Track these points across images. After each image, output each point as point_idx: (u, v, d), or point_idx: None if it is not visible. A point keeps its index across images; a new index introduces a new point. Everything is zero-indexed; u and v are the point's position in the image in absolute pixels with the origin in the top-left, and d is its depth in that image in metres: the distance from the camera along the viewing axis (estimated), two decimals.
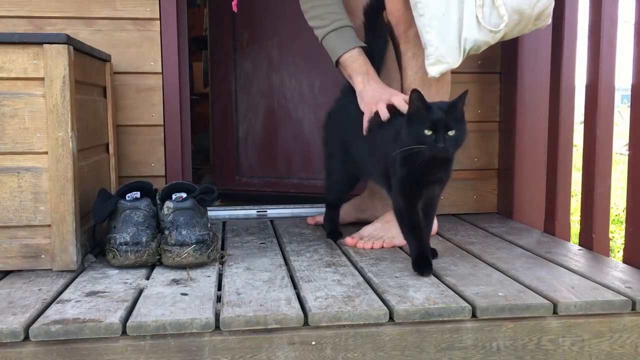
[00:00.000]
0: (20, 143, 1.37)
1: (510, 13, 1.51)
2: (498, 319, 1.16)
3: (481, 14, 1.50)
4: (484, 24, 1.51)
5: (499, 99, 2.14)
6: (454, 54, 1.53)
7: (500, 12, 1.50)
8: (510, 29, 1.55)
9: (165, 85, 1.93)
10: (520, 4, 1.52)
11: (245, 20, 2.50)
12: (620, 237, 3.04)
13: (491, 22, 1.52)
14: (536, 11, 1.55)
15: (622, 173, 4.34)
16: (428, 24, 1.51)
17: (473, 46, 1.53)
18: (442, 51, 1.52)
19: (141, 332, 1.08)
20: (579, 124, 1.91)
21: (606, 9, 1.68)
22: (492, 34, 1.53)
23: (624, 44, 1.71)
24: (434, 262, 1.40)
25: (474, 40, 1.52)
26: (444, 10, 1.50)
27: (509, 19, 1.51)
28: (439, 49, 1.52)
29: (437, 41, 1.51)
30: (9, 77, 1.36)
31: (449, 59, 1.53)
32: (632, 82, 1.50)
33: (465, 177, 2.15)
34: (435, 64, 1.54)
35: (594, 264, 1.51)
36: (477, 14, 1.50)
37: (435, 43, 1.52)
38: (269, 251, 1.60)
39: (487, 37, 1.53)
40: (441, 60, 1.53)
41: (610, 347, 1.19)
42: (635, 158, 1.51)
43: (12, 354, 1.05)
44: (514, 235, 1.81)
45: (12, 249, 1.39)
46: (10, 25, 1.82)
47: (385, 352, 1.13)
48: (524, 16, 1.54)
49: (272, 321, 1.11)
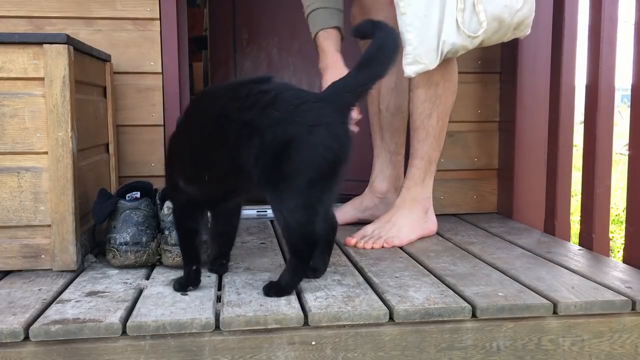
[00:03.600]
0: (20, 143, 1.37)
1: (490, 20, 1.52)
2: (498, 319, 1.16)
3: (461, 18, 1.51)
4: (463, 28, 1.52)
5: (499, 99, 2.14)
6: (432, 55, 1.54)
7: (480, 19, 1.51)
8: (489, 35, 1.56)
9: (165, 85, 1.93)
10: (500, 12, 1.53)
11: (245, 20, 2.51)
12: (620, 237, 3.04)
13: (470, 27, 1.53)
14: (516, 20, 1.57)
15: (622, 173, 4.34)
16: (409, 22, 1.52)
17: (451, 49, 1.54)
18: (420, 51, 1.53)
19: (141, 332, 1.08)
20: (579, 124, 1.91)
21: (606, 9, 1.68)
22: (470, 39, 1.54)
23: (624, 44, 1.72)
24: (434, 262, 1.40)
25: (452, 44, 1.53)
26: (425, 11, 1.51)
27: (488, 25, 1.53)
28: (417, 49, 1.53)
29: (416, 41, 1.52)
30: (9, 77, 1.36)
31: (426, 60, 1.54)
32: (632, 82, 1.50)
33: (465, 177, 2.15)
34: (412, 63, 1.54)
35: (594, 264, 1.51)
36: (458, 18, 1.51)
37: (415, 43, 1.52)
38: (269, 251, 1.60)
39: (465, 41, 1.54)
40: (418, 60, 1.53)
41: (610, 347, 1.19)
42: (635, 158, 1.51)
43: (12, 354, 1.05)
44: (514, 235, 1.81)
45: (12, 249, 1.39)
46: (10, 25, 1.82)
47: (385, 352, 1.13)
48: (503, 24, 1.55)
49: (272, 321, 1.11)
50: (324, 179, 1.17)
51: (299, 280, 1.23)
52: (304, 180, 1.15)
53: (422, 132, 1.70)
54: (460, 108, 2.11)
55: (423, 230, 1.74)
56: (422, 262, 1.49)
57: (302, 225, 1.17)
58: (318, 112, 1.16)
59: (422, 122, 1.70)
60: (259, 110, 1.16)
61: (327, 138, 1.15)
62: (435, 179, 1.77)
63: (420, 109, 1.69)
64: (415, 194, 1.72)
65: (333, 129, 1.16)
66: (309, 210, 1.16)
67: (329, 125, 1.16)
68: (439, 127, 1.71)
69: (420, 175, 1.72)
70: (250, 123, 1.15)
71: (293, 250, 1.21)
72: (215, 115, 1.20)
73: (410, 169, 1.73)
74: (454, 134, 2.11)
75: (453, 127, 2.11)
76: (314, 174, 1.15)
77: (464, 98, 2.11)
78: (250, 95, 1.18)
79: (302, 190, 1.15)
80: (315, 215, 1.18)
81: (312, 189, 1.16)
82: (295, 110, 1.15)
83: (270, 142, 1.14)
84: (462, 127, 2.12)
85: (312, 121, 1.15)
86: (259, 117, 1.15)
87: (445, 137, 1.75)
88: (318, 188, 1.16)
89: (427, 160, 1.72)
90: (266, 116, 1.15)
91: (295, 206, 1.16)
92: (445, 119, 1.72)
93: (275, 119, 1.15)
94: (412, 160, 1.73)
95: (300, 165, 1.14)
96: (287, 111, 1.15)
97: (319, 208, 1.18)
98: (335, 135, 1.16)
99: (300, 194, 1.15)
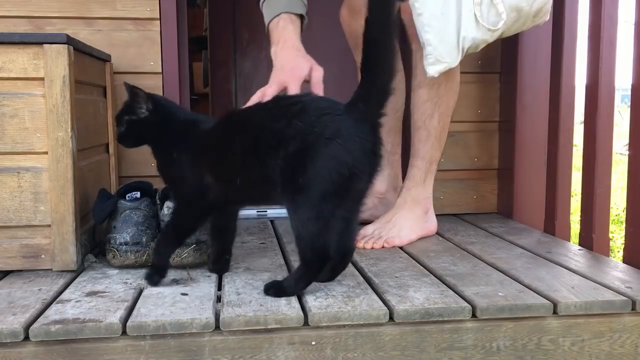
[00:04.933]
0: (20, 143, 1.37)
1: (508, 11, 1.50)
2: (498, 319, 1.16)
3: (479, 12, 1.49)
4: (482, 22, 1.50)
5: (499, 99, 2.14)
6: (453, 53, 1.52)
7: (499, 10, 1.49)
8: (509, 26, 1.54)
9: (165, 85, 1.92)
10: (518, 2, 1.51)
11: (245, 20, 2.51)
12: (620, 237, 3.04)
13: (489, 20, 1.51)
14: (535, 8, 1.54)
15: (622, 173, 4.34)
16: (427, 23, 1.50)
17: (472, 45, 1.53)
18: (441, 51, 1.52)
19: (141, 332, 1.08)
20: (579, 124, 1.91)
21: (606, 9, 1.68)
22: (491, 32, 1.52)
23: (624, 44, 1.72)
24: (434, 262, 1.40)
25: (472, 39, 1.52)
26: (442, 10, 1.50)
27: (507, 16, 1.51)
28: (438, 49, 1.51)
29: (435, 40, 1.51)
30: (9, 77, 1.36)
31: (448, 59, 1.52)
32: (632, 82, 1.50)
33: (465, 177, 2.15)
34: (434, 63, 1.53)
35: (594, 264, 1.51)
36: (476, 12, 1.49)
37: (434, 42, 1.51)
38: (269, 251, 1.60)
39: (486, 35, 1.53)
40: (440, 59, 1.52)
41: (610, 347, 1.19)
42: (635, 158, 1.51)
43: (12, 354, 1.05)
44: (514, 235, 1.81)
45: (12, 249, 1.39)
46: (10, 25, 1.82)
47: (385, 352, 1.13)
48: (522, 13, 1.53)
49: (272, 321, 1.11)
50: (337, 194, 1.15)
51: (301, 288, 1.22)
52: (317, 191, 1.14)
53: (423, 132, 1.70)
54: (461, 108, 2.11)
55: (423, 230, 1.74)
56: (422, 262, 1.49)
57: (313, 237, 1.16)
58: (338, 124, 1.14)
59: (424, 123, 1.69)
60: (287, 121, 1.15)
61: (342, 152, 1.13)
62: (436, 179, 1.77)
63: (422, 109, 1.69)
64: (415, 194, 1.72)
65: (349, 143, 1.13)
66: (320, 222, 1.15)
67: (345, 138, 1.13)
68: (441, 128, 1.70)
69: (421, 176, 1.72)
70: (279, 134, 1.15)
71: (303, 259, 1.20)
72: (254, 124, 1.21)
73: (412, 169, 1.73)
74: (454, 134, 2.10)
75: (453, 127, 2.10)
76: (327, 187, 1.13)
77: (464, 98, 2.10)
78: (283, 106, 1.19)
79: (315, 202, 1.14)
80: (328, 228, 1.16)
81: (324, 201, 1.14)
82: (316, 121, 1.14)
83: (292, 152, 1.14)
84: (463, 127, 2.12)
85: (329, 133, 1.13)
86: (287, 127, 1.15)
87: (446, 137, 1.75)
88: (331, 201, 1.15)
89: (428, 160, 1.72)
90: (292, 127, 1.15)
91: (308, 217, 1.15)
92: (446, 119, 1.72)
93: (298, 129, 1.14)
94: (413, 161, 1.73)
95: (314, 177, 1.13)
96: (309, 122, 1.14)
97: (332, 222, 1.16)
98: (350, 150, 1.13)
99: (313, 205, 1.14)
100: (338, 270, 1.31)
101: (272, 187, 1.18)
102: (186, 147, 1.30)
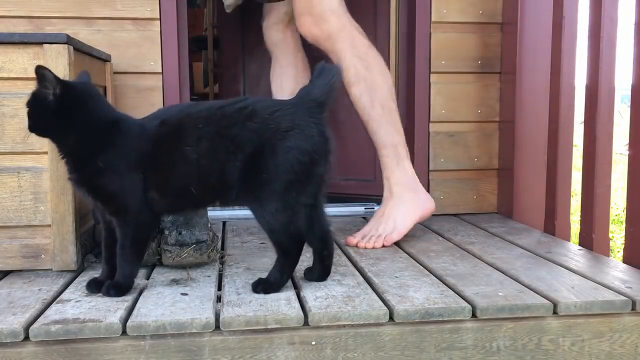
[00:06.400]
0: (20, 143, 1.37)
1: None
2: (498, 319, 1.16)
3: None
4: None
5: (499, 99, 2.14)
6: None
7: None
8: None
9: (165, 85, 1.93)
10: None
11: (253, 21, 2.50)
12: (620, 237, 3.04)
13: None
14: None
15: (622, 173, 4.33)
16: None
17: None
18: None
19: (141, 332, 1.08)
20: (579, 124, 1.90)
21: (606, 9, 1.68)
22: None
23: (624, 44, 1.72)
24: (434, 262, 1.39)
25: None
26: None
27: None
28: None
29: None
30: (9, 77, 1.36)
31: None
32: (632, 82, 1.50)
33: (465, 177, 2.15)
34: None
35: (594, 264, 1.51)
36: None
37: None
38: (269, 251, 1.60)
39: None
40: None
41: (610, 347, 1.19)
42: (635, 158, 1.51)
43: (12, 354, 1.05)
44: (514, 235, 1.81)
45: (12, 249, 1.39)
46: (10, 25, 1.82)
47: (385, 352, 1.13)
48: None
49: (272, 321, 1.11)
50: (300, 181, 1.21)
51: (287, 279, 1.27)
52: (281, 183, 1.19)
53: (372, 123, 1.71)
54: (460, 108, 2.11)
55: (418, 210, 1.72)
56: (422, 262, 1.49)
57: (285, 225, 1.21)
58: (291, 117, 1.21)
59: (369, 115, 1.71)
60: (241, 125, 1.20)
61: (300, 141, 1.19)
62: (436, 179, 1.77)
63: (361, 105, 1.71)
64: (396, 180, 1.72)
65: (306, 131, 1.20)
66: (288, 210, 1.21)
67: (302, 128, 1.20)
68: (386, 112, 1.71)
69: (392, 162, 1.72)
70: (236, 138, 1.19)
71: (280, 250, 1.25)
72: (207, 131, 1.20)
73: (381, 159, 1.74)
74: (454, 134, 2.11)
75: (453, 127, 2.12)
76: (290, 176, 1.19)
77: (464, 98, 2.11)
78: (231, 113, 1.21)
79: (281, 193, 1.20)
80: (296, 214, 1.23)
81: (289, 191, 1.20)
82: (269, 118, 1.20)
83: (250, 153, 1.19)
84: (462, 127, 2.13)
85: (285, 126, 1.19)
86: (242, 130, 1.19)
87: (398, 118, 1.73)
88: (295, 189, 1.20)
89: (391, 145, 1.72)
90: (247, 129, 1.19)
91: (276, 208, 1.20)
92: (389, 102, 1.72)
93: (253, 129, 1.19)
94: (378, 152, 1.74)
95: (277, 169, 1.18)
96: (263, 121, 1.20)
97: (299, 208, 1.23)
98: (308, 137, 1.20)
99: (279, 196, 1.20)
100: (326, 260, 1.32)
101: (226, 190, 1.21)
102: (116, 153, 1.19)
